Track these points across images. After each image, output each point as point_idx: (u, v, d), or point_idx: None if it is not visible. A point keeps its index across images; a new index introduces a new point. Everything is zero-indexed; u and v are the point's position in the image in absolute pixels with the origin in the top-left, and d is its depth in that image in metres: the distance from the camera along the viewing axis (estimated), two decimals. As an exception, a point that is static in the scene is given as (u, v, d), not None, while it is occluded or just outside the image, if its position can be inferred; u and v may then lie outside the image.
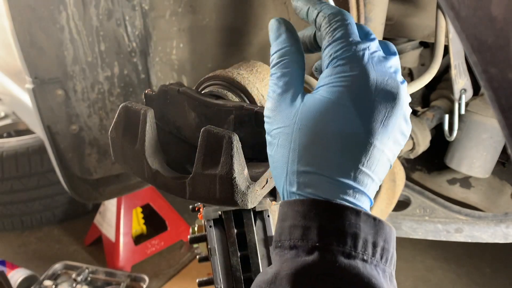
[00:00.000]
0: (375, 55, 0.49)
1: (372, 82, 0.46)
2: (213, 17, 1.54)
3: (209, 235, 0.81)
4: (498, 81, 0.36)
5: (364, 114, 0.46)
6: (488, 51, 0.37)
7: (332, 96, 0.47)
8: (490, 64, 0.37)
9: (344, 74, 0.47)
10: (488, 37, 0.37)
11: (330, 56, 0.50)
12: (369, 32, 0.52)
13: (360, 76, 0.47)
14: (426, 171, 1.75)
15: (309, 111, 0.49)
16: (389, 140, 0.47)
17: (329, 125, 0.46)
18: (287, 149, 0.49)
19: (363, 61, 0.47)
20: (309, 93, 0.52)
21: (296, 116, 0.50)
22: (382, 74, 0.47)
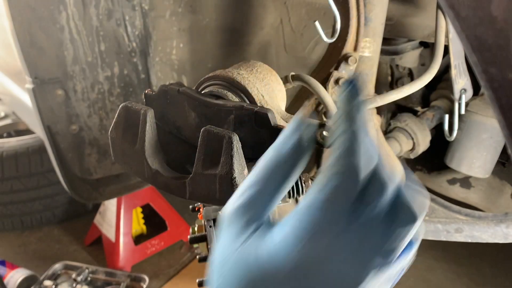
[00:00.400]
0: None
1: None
2: (213, 17, 1.55)
3: (209, 235, 0.81)
4: (498, 81, 0.36)
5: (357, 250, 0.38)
6: (488, 51, 0.37)
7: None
8: (490, 64, 0.37)
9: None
10: (488, 37, 0.37)
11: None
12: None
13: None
14: (426, 171, 1.75)
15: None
16: None
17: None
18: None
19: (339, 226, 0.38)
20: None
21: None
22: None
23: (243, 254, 0.40)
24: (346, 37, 1.06)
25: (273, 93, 0.77)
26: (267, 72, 0.79)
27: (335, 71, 1.06)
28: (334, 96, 1.08)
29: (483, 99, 1.38)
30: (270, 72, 0.80)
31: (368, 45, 1.12)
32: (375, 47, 1.14)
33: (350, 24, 1.05)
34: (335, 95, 1.08)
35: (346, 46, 1.06)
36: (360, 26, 1.06)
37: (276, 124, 0.67)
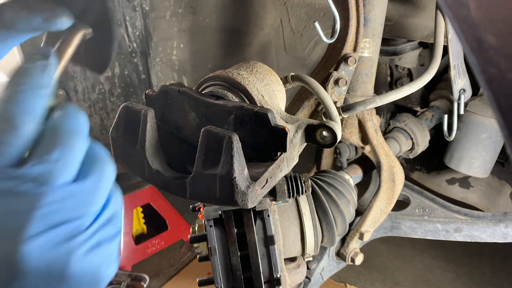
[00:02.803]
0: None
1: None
2: (213, 18, 1.55)
3: (209, 234, 0.81)
4: (497, 81, 0.36)
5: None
6: (487, 51, 0.37)
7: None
8: (489, 65, 0.37)
9: None
10: (487, 38, 0.37)
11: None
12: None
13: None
14: (425, 171, 1.76)
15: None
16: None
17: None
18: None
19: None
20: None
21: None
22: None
23: None
24: (346, 38, 1.06)
25: (273, 93, 0.77)
26: (267, 73, 0.79)
27: (334, 72, 1.07)
28: (333, 96, 1.08)
29: (482, 99, 1.38)
30: (270, 72, 0.80)
31: (368, 45, 1.12)
32: (375, 47, 1.15)
33: (349, 25, 1.05)
34: (334, 95, 1.08)
35: (346, 46, 1.07)
36: (360, 27, 1.06)
37: (276, 124, 0.67)
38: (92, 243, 0.38)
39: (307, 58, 1.62)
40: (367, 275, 2.14)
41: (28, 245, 0.33)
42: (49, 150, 0.36)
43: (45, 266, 0.34)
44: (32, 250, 0.34)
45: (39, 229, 0.34)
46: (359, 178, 1.34)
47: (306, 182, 0.90)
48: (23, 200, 0.34)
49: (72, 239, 0.36)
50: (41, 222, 0.34)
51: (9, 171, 0.34)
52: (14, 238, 0.33)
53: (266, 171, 0.66)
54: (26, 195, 0.34)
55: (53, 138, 0.37)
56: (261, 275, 0.80)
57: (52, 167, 0.36)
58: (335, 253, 1.31)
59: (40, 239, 0.34)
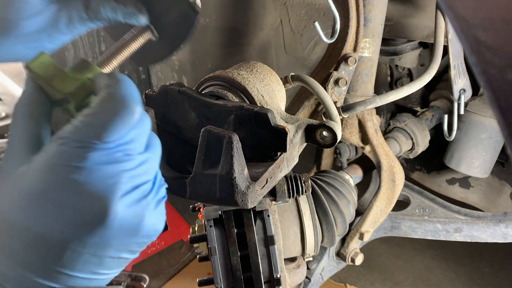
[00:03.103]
0: (101, 158, 0.41)
1: (78, 185, 0.40)
2: (213, 18, 1.55)
3: (209, 234, 0.81)
4: (498, 81, 0.36)
5: (62, 220, 0.41)
6: (488, 51, 0.37)
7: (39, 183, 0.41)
8: (490, 65, 0.37)
9: (55, 167, 0.41)
10: (487, 38, 0.37)
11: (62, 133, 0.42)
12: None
13: (62, 179, 0.40)
14: (425, 171, 1.75)
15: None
16: (100, 250, 0.42)
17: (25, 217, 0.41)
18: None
19: (83, 162, 0.40)
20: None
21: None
22: (97, 180, 0.41)
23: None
24: (346, 38, 1.06)
25: (273, 93, 0.77)
26: (267, 73, 0.79)
27: (334, 72, 1.07)
28: (333, 96, 1.08)
29: (482, 99, 1.38)
30: (270, 72, 0.80)
31: (368, 45, 1.12)
32: (375, 47, 1.15)
33: (349, 25, 1.05)
34: (334, 95, 1.08)
35: (346, 46, 1.07)
36: (360, 27, 1.06)
37: (276, 124, 0.67)
38: (155, 201, 0.46)
39: (307, 58, 1.62)
40: (367, 275, 2.14)
41: (119, 202, 0.41)
42: (134, 127, 0.44)
43: (128, 219, 0.42)
44: (121, 207, 0.42)
45: (127, 189, 0.42)
46: (359, 178, 1.34)
47: (306, 182, 0.90)
48: (117, 166, 0.42)
49: (145, 198, 0.44)
50: (128, 183, 0.42)
51: (113, 143, 0.42)
52: (109, 196, 0.41)
53: (266, 171, 0.66)
54: (119, 162, 0.42)
55: (132, 115, 0.44)
56: (261, 275, 0.80)
57: (136, 139, 0.44)
58: (335, 253, 1.31)
59: (127, 197, 0.42)
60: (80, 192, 0.40)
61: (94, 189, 0.40)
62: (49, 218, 0.40)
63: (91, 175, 0.40)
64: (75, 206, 0.40)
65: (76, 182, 0.40)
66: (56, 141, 0.42)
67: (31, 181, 0.41)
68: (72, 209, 0.40)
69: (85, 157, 0.40)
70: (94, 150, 0.41)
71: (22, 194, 0.41)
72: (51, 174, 0.41)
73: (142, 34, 0.57)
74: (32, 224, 0.40)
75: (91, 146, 0.41)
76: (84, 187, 0.40)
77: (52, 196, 0.40)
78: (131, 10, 0.55)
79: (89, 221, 0.41)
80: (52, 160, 0.41)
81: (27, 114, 0.47)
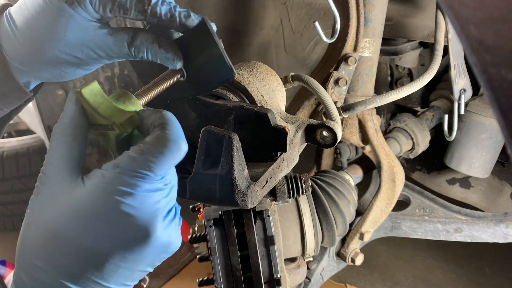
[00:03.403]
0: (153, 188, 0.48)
1: (122, 211, 0.46)
2: (213, 18, 1.54)
3: (209, 235, 0.81)
4: (498, 81, 0.36)
5: (110, 237, 0.47)
6: (488, 51, 0.37)
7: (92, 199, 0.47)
8: (490, 64, 0.37)
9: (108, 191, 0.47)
10: (487, 37, 0.37)
11: (117, 164, 0.48)
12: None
13: (115, 202, 0.46)
14: (425, 171, 1.75)
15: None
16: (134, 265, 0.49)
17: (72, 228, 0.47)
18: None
19: (131, 189, 0.46)
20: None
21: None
22: (147, 208, 0.47)
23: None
24: (346, 38, 1.06)
25: (273, 93, 0.77)
26: (267, 73, 0.79)
27: (334, 71, 1.07)
28: (333, 96, 1.08)
29: (483, 99, 1.38)
30: (270, 72, 0.80)
31: (368, 45, 1.12)
32: (375, 47, 1.14)
33: (349, 25, 1.05)
34: (335, 95, 1.08)
35: (346, 46, 1.06)
36: (360, 27, 1.06)
37: (276, 124, 0.67)
38: (179, 222, 0.52)
39: (307, 58, 1.62)
40: (367, 275, 2.14)
41: (160, 224, 0.48)
42: (177, 161, 0.50)
43: (162, 239, 0.49)
44: (160, 228, 0.48)
45: (164, 213, 0.49)
46: (360, 178, 1.34)
47: (306, 182, 0.90)
48: (158, 193, 0.48)
49: (173, 220, 0.50)
50: (166, 208, 0.49)
51: (155, 176, 0.48)
52: (153, 219, 0.47)
53: (266, 171, 0.66)
54: (160, 190, 0.49)
55: (180, 153, 0.50)
56: (261, 275, 0.80)
57: (171, 171, 0.51)
58: (335, 254, 1.31)
59: (164, 220, 0.49)
60: (129, 214, 0.46)
61: (141, 212, 0.47)
62: (99, 234, 0.46)
63: (141, 200, 0.47)
64: (123, 226, 0.46)
65: (128, 206, 0.46)
66: (114, 169, 0.47)
67: (85, 202, 0.47)
68: (121, 228, 0.46)
69: (138, 185, 0.46)
70: (146, 180, 0.47)
71: (76, 213, 0.47)
72: (106, 196, 0.46)
73: (175, 75, 0.61)
74: (83, 239, 0.46)
75: (144, 176, 0.47)
76: (134, 211, 0.46)
77: (104, 215, 0.46)
78: (171, 56, 0.60)
79: (134, 240, 0.47)
80: (109, 185, 0.47)
81: (71, 136, 0.51)
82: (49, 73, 0.61)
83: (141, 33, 0.60)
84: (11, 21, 0.58)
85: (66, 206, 0.47)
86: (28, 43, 0.58)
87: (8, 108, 0.64)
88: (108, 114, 0.51)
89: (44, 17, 0.57)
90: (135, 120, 0.53)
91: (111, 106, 0.52)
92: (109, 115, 0.51)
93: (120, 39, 0.59)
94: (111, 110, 0.52)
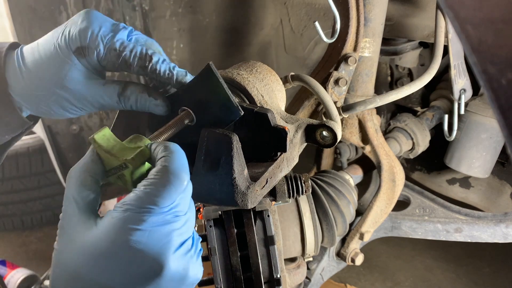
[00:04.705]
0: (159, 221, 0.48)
1: (135, 249, 0.47)
2: (213, 18, 1.55)
3: (209, 235, 0.81)
4: (498, 81, 0.36)
5: (123, 274, 0.47)
6: (488, 51, 0.37)
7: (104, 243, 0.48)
8: (490, 64, 0.37)
9: (118, 232, 0.48)
10: (487, 37, 0.37)
11: (126, 202, 0.50)
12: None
13: (124, 239, 0.47)
14: (425, 171, 1.75)
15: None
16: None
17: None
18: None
19: (140, 225, 0.47)
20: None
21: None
22: (155, 243, 0.48)
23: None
24: (346, 38, 1.06)
25: (272, 93, 0.77)
26: (267, 72, 0.79)
27: (334, 71, 1.07)
28: (333, 96, 1.08)
29: (483, 99, 1.38)
30: (270, 72, 0.80)
31: (368, 45, 1.12)
32: (375, 47, 1.14)
33: (349, 25, 1.05)
34: (334, 95, 1.08)
35: (346, 46, 1.06)
36: (360, 27, 1.06)
37: (276, 124, 0.67)
38: (197, 254, 0.52)
39: (307, 58, 1.62)
40: (367, 275, 2.14)
41: (172, 257, 0.48)
42: (182, 192, 0.51)
43: (176, 272, 0.49)
44: (173, 261, 0.48)
45: (177, 246, 0.49)
46: (360, 178, 1.34)
47: (306, 182, 0.90)
48: (168, 226, 0.49)
49: (189, 252, 0.51)
50: (178, 240, 0.49)
51: (167, 208, 0.49)
52: (164, 252, 0.48)
53: (266, 171, 0.66)
54: (171, 224, 0.49)
55: (181, 184, 0.51)
56: (261, 275, 0.80)
57: (182, 202, 0.51)
58: (335, 254, 1.31)
59: (177, 252, 0.49)
60: (140, 250, 0.47)
61: (152, 247, 0.47)
62: (113, 272, 0.47)
63: (149, 235, 0.47)
64: (135, 262, 0.47)
65: (137, 242, 0.47)
66: (121, 207, 0.49)
67: (98, 242, 0.48)
68: (133, 264, 0.47)
69: (144, 220, 0.47)
70: (152, 215, 0.48)
71: (91, 253, 0.48)
72: (116, 235, 0.47)
73: (184, 120, 0.63)
74: (99, 278, 0.47)
75: (149, 211, 0.48)
76: (143, 246, 0.47)
77: (116, 254, 0.47)
78: (160, 102, 0.64)
79: (148, 274, 0.47)
80: (117, 223, 0.48)
81: (82, 182, 0.53)
82: (45, 110, 0.65)
83: (131, 84, 0.64)
84: (21, 60, 0.63)
85: (82, 247, 0.49)
86: (33, 83, 0.62)
87: (9, 135, 0.68)
88: (120, 154, 0.54)
89: (52, 62, 0.61)
90: (145, 153, 0.55)
91: (123, 146, 0.55)
92: (121, 154, 0.54)
93: (112, 90, 0.63)
94: (124, 149, 0.55)
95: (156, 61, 0.62)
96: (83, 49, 0.61)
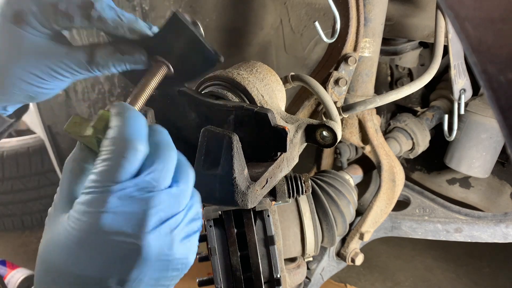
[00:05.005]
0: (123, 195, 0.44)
1: (103, 230, 0.43)
2: (213, 18, 1.54)
3: (209, 234, 0.81)
4: (498, 81, 0.36)
5: (98, 261, 0.44)
6: (488, 51, 0.37)
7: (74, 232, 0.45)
8: (490, 64, 0.37)
9: (83, 217, 0.44)
10: (487, 37, 0.37)
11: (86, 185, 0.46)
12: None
13: (92, 224, 0.44)
14: (425, 171, 1.75)
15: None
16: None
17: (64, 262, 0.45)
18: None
19: (103, 207, 0.43)
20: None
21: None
22: (121, 220, 0.44)
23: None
24: (346, 38, 1.06)
25: (273, 93, 0.77)
26: (267, 72, 0.79)
27: (334, 71, 1.07)
28: (333, 96, 1.08)
29: (483, 99, 1.38)
30: (270, 72, 0.80)
31: (368, 45, 1.12)
32: (375, 47, 1.14)
33: (349, 25, 1.05)
34: (334, 95, 1.08)
35: (346, 46, 1.06)
36: (360, 27, 1.06)
37: (276, 124, 0.67)
38: (184, 234, 0.48)
39: (307, 58, 1.62)
40: (367, 275, 2.14)
41: (148, 236, 0.43)
42: (155, 162, 0.46)
43: (158, 253, 0.44)
44: (151, 241, 0.44)
45: (155, 224, 0.44)
46: (360, 178, 1.34)
47: (306, 182, 0.90)
48: (140, 203, 0.44)
49: (173, 231, 0.46)
50: (155, 218, 0.44)
51: (129, 182, 0.44)
52: (138, 232, 0.43)
53: (266, 171, 0.66)
54: (142, 199, 0.44)
55: (155, 152, 0.47)
56: (261, 275, 0.80)
57: (158, 175, 0.46)
58: (335, 253, 1.31)
59: (155, 231, 0.44)
60: (113, 233, 0.43)
61: (124, 228, 0.43)
62: (86, 261, 0.44)
63: (116, 216, 0.43)
64: (110, 246, 0.43)
65: (106, 225, 0.43)
66: (84, 191, 0.45)
67: (67, 230, 0.45)
68: (108, 249, 0.43)
69: (106, 201, 0.43)
70: (113, 193, 0.43)
71: (62, 241, 0.45)
72: (82, 221, 0.44)
73: (161, 71, 0.60)
74: (72, 267, 0.44)
75: (109, 190, 0.43)
76: (115, 227, 0.43)
77: (86, 241, 0.43)
78: (138, 57, 0.58)
79: (127, 257, 0.44)
80: (81, 209, 0.44)
81: (68, 169, 0.51)
82: (18, 96, 0.59)
83: (98, 47, 0.58)
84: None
85: (56, 236, 0.46)
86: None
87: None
88: (88, 131, 0.51)
89: (1, 41, 0.56)
90: (103, 117, 0.51)
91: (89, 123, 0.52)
92: (88, 130, 0.51)
93: (77, 58, 0.57)
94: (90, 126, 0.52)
95: (101, 7, 0.54)
96: (19, 14, 0.53)
